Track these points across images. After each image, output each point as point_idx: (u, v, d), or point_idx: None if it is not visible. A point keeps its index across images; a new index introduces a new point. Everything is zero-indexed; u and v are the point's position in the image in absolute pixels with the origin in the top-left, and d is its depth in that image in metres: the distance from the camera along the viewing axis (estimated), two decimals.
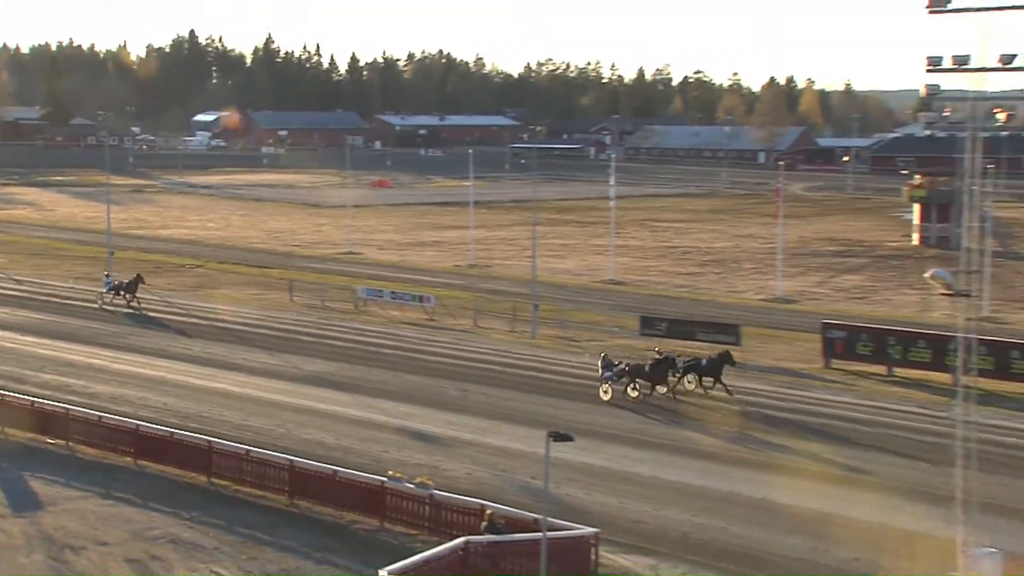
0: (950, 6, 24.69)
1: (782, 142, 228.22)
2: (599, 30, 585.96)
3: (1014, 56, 24.67)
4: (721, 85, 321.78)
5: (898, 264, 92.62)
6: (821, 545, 32.00)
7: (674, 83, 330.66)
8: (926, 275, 28.11)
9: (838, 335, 55.83)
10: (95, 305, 68.10)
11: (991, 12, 24.32)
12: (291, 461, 35.47)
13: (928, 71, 25.74)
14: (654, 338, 60.33)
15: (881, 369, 53.41)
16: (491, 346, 60.17)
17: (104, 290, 68.83)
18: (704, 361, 48.70)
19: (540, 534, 25.39)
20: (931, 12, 24.90)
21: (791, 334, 62.49)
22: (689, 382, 49.09)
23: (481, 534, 28.94)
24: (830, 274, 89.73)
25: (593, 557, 29.62)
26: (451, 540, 28.67)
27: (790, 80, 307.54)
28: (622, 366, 48.25)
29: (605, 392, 47.63)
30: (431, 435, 42.77)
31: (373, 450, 40.45)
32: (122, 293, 68.33)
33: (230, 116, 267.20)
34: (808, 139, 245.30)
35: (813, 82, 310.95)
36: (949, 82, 25.94)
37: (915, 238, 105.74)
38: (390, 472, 34.17)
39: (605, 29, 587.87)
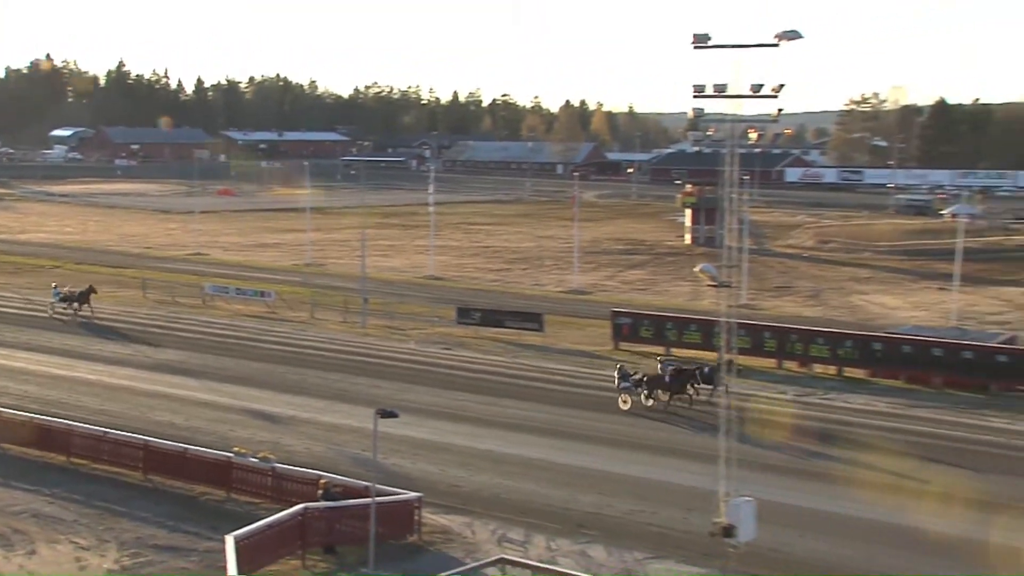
0: (711, 43, 25.50)
1: (577, 156, 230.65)
2: (417, 58, 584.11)
3: (762, 86, 25.52)
4: (525, 106, 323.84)
5: (673, 260, 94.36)
6: (606, 500, 32.80)
7: (484, 104, 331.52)
8: (695, 269, 28.85)
9: (625, 321, 56.99)
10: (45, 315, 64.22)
11: (744, 48, 25.16)
12: (145, 441, 34.92)
13: (694, 97, 26.45)
14: (470, 326, 60.91)
15: (661, 349, 54.54)
16: (326, 335, 59.87)
17: (53, 300, 64.48)
18: (707, 369, 43.97)
19: (370, 499, 25.50)
20: (695, 48, 25.66)
21: (586, 321, 63.37)
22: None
23: (318, 501, 28.96)
24: (618, 269, 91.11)
25: (416, 518, 29.81)
26: (291, 507, 28.61)
27: (583, 103, 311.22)
28: (639, 376, 44.33)
29: (624, 402, 43.55)
30: (273, 415, 42.47)
31: (220, 429, 39.99)
32: (73, 304, 63.81)
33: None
34: (599, 153, 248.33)
35: (602, 105, 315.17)
36: (712, 106, 26.67)
37: (687, 238, 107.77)
38: (236, 448, 33.91)
39: (422, 58, 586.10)
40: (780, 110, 26.44)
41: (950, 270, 67.66)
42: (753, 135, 27.07)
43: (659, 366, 45.36)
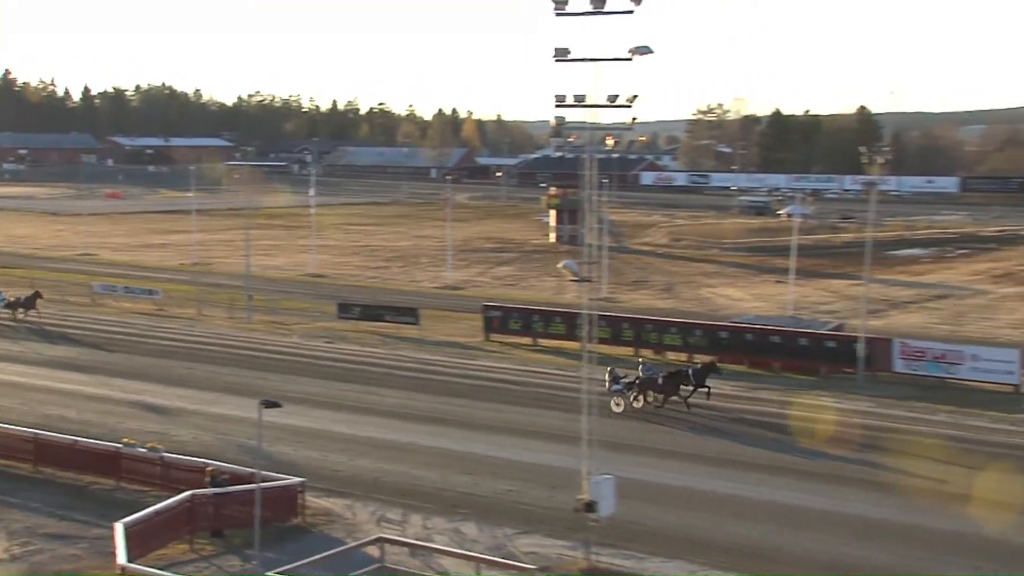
0: (570, 57, 25.66)
1: (449, 161, 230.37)
2: (298, 69, 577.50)
3: (617, 96, 25.79)
4: (400, 115, 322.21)
5: (540, 257, 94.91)
6: (478, 481, 32.81)
7: (362, 112, 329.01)
8: (559, 266, 28.95)
9: (495, 314, 57.18)
10: None
11: (600, 62, 25.38)
12: (35, 434, 33.94)
13: (556, 106, 26.63)
14: (350, 321, 60.51)
15: (528, 340, 54.94)
16: (213, 331, 58.95)
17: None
18: (690, 371, 42.60)
19: (255, 485, 25.15)
20: (556, 61, 25.81)
21: (459, 314, 63.36)
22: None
23: (206, 488, 28.46)
24: (488, 266, 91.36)
25: (300, 502, 29.49)
26: (179, 494, 28.06)
27: (455, 111, 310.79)
28: (630, 379, 41.91)
29: (617, 404, 40.71)
30: (162, 407, 41.63)
31: (110, 421, 39.04)
32: (19, 309, 60.83)
33: None
34: (470, 159, 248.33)
35: (472, 113, 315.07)
36: (573, 115, 26.83)
37: (552, 237, 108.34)
38: (125, 439, 33.17)
39: (303, 68, 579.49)
40: (634, 119, 26.70)
41: (786, 264, 69.18)
42: (610, 142, 27.34)
43: (640, 368, 42.61)
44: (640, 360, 44.47)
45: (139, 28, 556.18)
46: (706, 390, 41.60)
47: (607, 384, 41.01)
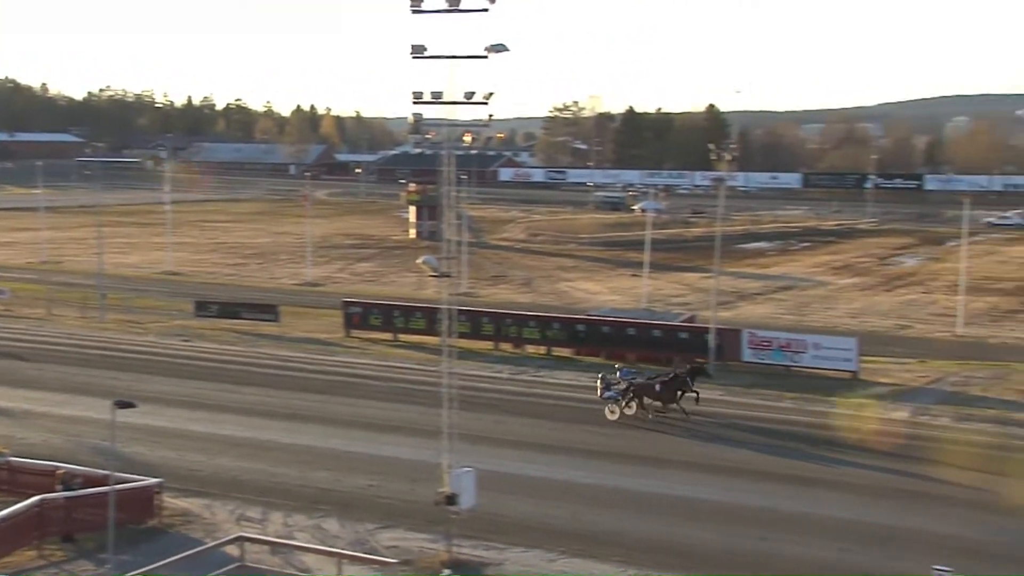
0: (427, 54, 25.52)
1: (308, 157, 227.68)
2: (151, 63, 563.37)
3: (473, 93, 25.73)
4: (257, 111, 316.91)
5: (400, 253, 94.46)
6: (340, 477, 32.47)
7: (218, 108, 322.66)
8: (419, 261, 28.86)
9: (356, 310, 56.68)
10: None
11: (457, 59, 25.31)
12: None
13: (414, 103, 26.44)
14: (207, 318, 59.30)
15: (389, 336, 54.60)
16: (64, 330, 57.17)
17: None
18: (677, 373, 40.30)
19: (109, 488, 24.41)
20: (413, 58, 25.65)
21: (319, 311, 62.64)
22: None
23: (56, 492, 27.50)
24: (349, 262, 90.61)
25: (157, 503, 28.75)
26: (28, 499, 27.03)
27: (313, 108, 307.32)
28: (623, 385, 39.73)
29: (611, 412, 39.12)
30: (8, 410, 40.01)
31: None
32: None
33: None
34: (329, 155, 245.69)
35: (331, 109, 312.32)
36: (431, 112, 26.70)
37: (412, 233, 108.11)
38: None
39: (158, 59, 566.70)
40: (491, 116, 26.68)
41: (640, 258, 70.19)
42: (468, 138, 27.27)
43: (617, 374, 40.50)
44: (617, 366, 42.38)
45: None
46: (694, 395, 39.81)
47: (598, 391, 39.79)
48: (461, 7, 25.15)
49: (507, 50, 25.45)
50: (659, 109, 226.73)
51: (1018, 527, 28.58)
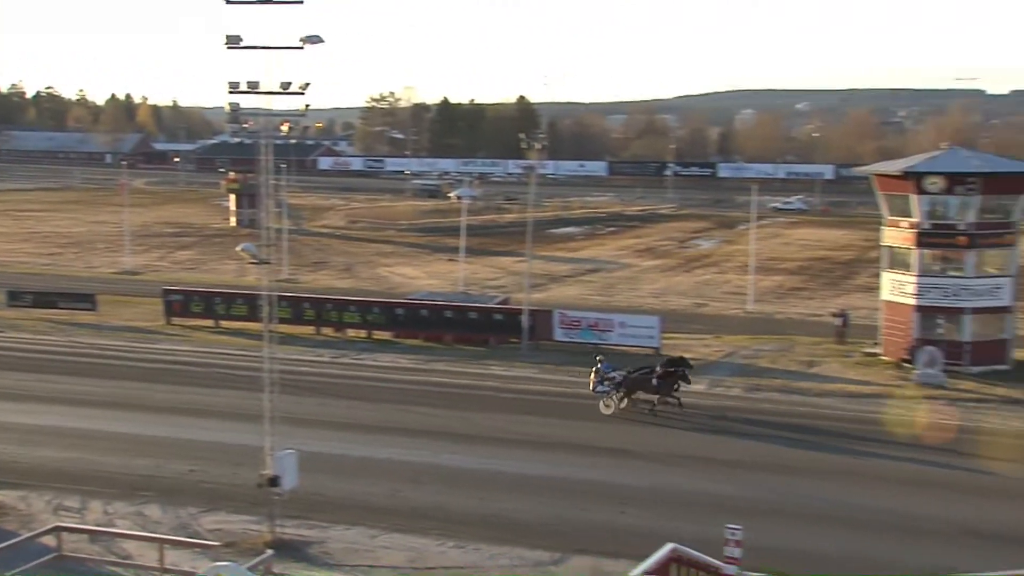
0: (242, 44, 24.95)
1: (124, 146, 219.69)
2: None
3: (290, 83, 25.32)
4: (70, 99, 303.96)
5: (220, 241, 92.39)
6: (161, 463, 31.51)
7: (28, 96, 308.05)
8: (238, 249, 28.23)
9: (176, 297, 55.13)
10: None
11: (272, 50, 24.82)
12: None
13: (230, 93, 25.87)
14: (22, 308, 56.76)
15: (210, 323, 53.35)
16: None
17: None
18: (659, 368, 37.99)
19: None
20: (228, 48, 25.03)
21: (139, 299, 60.65)
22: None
23: None
24: (168, 250, 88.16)
25: None
26: None
27: (128, 96, 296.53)
28: (617, 378, 37.61)
29: (607, 407, 37.16)
30: None
31: None
32: None
33: None
34: (146, 144, 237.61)
35: (147, 98, 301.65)
36: (248, 102, 26.14)
37: (232, 221, 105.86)
38: None
39: None
40: (308, 106, 26.30)
41: (456, 243, 70.42)
42: (286, 128, 26.82)
43: (599, 366, 38.34)
44: (599, 358, 39.83)
45: None
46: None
47: (591, 384, 38.10)
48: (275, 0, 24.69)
49: (322, 41, 25.09)
50: (472, 100, 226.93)
51: (802, 488, 29.85)
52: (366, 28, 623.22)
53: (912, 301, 44.36)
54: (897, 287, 45.37)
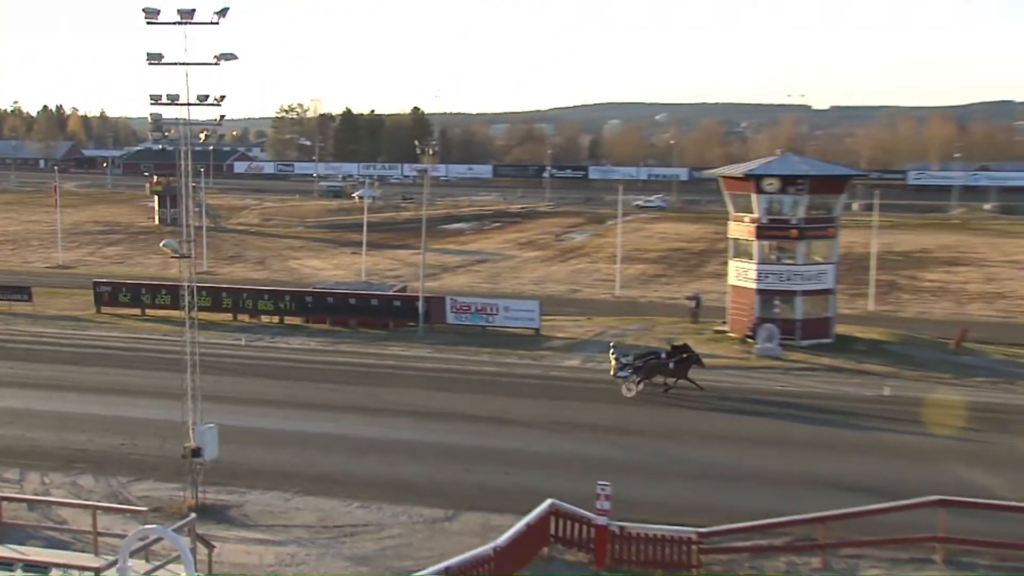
0: (164, 60, 24.35)
1: (56, 152, 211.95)
2: None
3: (207, 96, 24.81)
4: (5, 109, 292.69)
5: (145, 238, 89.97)
6: (97, 437, 30.64)
7: None
8: (162, 244, 27.67)
9: (105, 289, 53.63)
10: None
11: (190, 66, 24.29)
12: None
13: (152, 104, 25.27)
14: None
15: (137, 311, 51.99)
16: None
17: None
18: (663, 355, 36.82)
19: None
20: (150, 64, 24.42)
21: (71, 291, 58.86)
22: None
23: None
24: (98, 247, 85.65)
25: None
26: None
27: (60, 107, 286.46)
28: (634, 360, 36.14)
29: (628, 390, 35.64)
30: None
31: None
32: None
33: None
34: (76, 151, 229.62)
35: (77, 109, 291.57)
36: (169, 112, 25.56)
37: (156, 219, 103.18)
38: None
39: None
40: (223, 116, 25.84)
41: (359, 238, 69.81)
42: (203, 136, 26.36)
43: (612, 352, 37.24)
44: (612, 344, 39.17)
45: None
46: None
47: (612, 370, 36.57)
48: (193, 20, 24.12)
49: (236, 58, 24.68)
50: (372, 111, 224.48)
51: (664, 448, 30.37)
52: (277, 45, 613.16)
53: (753, 285, 45.38)
54: (741, 273, 46.37)
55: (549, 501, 22.35)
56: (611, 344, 39.59)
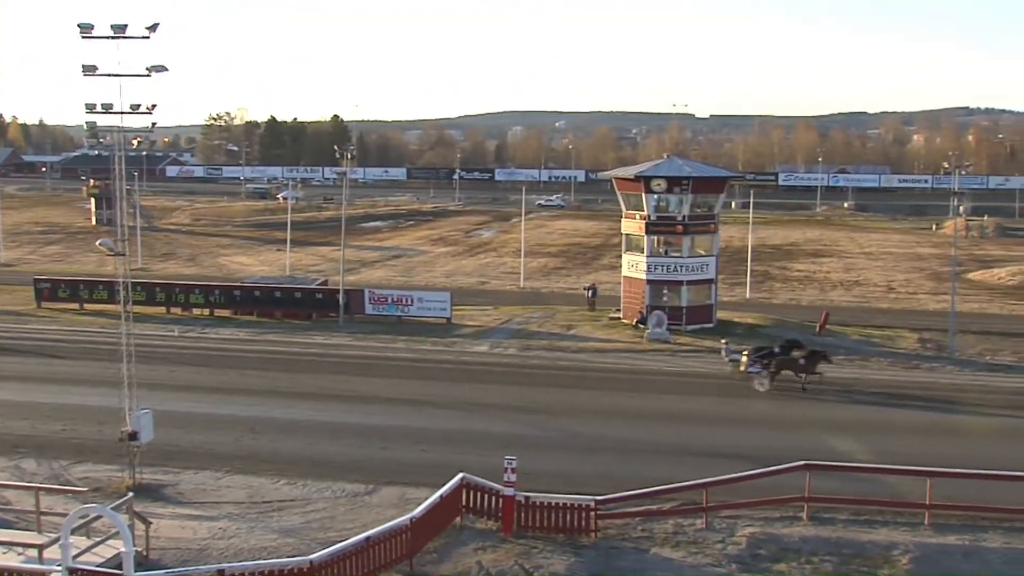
0: (98, 72, 23.65)
1: None
2: None
3: (139, 105, 24.18)
4: None
5: (83, 238, 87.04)
6: (39, 423, 29.65)
7: None
8: (98, 244, 26.95)
9: (46, 285, 51.92)
10: None
11: (123, 77, 23.64)
12: None
13: (87, 113, 24.53)
14: None
15: (76, 306, 50.41)
16: None
17: None
18: (776, 348, 35.93)
19: None
20: (85, 75, 23.69)
21: (12, 288, 56.68)
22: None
23: None
24: (38, 246, 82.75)
25: None
26: None
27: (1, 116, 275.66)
28: (763, 357, 34.95)
29: (761, 384, 34.34)
30: None
31: None
32: None
33: None
34: (16, 156, 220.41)
35: (16, 117, 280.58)
36: (104, 120, 24.81)
37: (93, 220, 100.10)
38: None
39: None
40: (155, 124, 25.24)
41: (283, 237, 68.79)
42: (136, 142, 25.77)
43: (724, 352, 37.14)
44: (724, 341, 38.48)
45: None
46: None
47: (741, 366, 35.33)
48: (126, 35, 23.49)
49: (167, 70, 24.11)
50: (295, 118, 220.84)
51: (564, 424, 30.69)
52: (206, 57, 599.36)
53: (644, 276, 46.04)
54: (633, 266, 47.01)
55: (461, 475, 22.41)
56: (722, 340, 38.63)
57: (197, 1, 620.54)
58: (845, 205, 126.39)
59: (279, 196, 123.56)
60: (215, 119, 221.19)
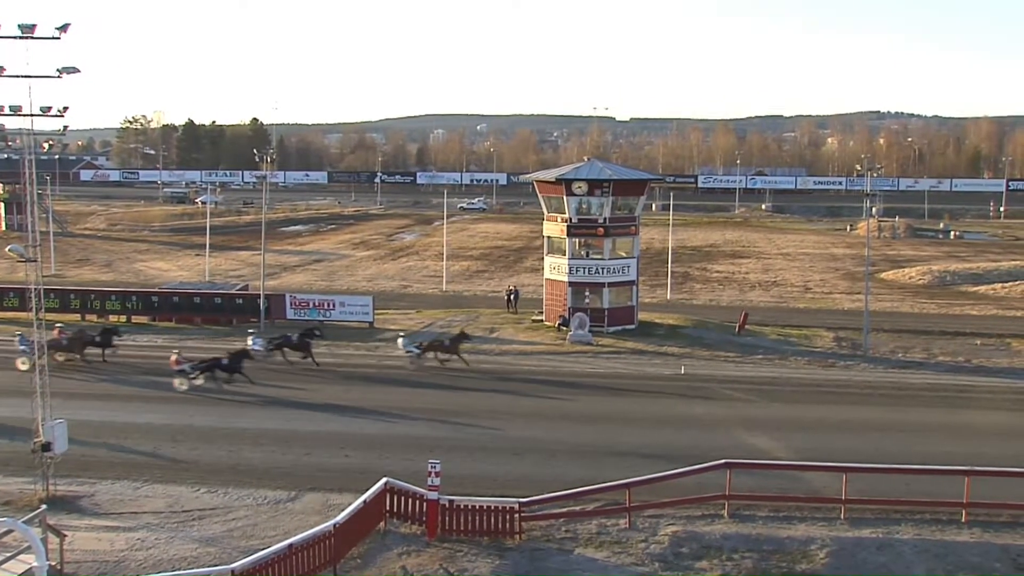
0: (5, 73, 22.94)
1: None
2: None
3: (50, 107, 23.54)
4: None
5: None
6: None
7: None
8: (8, 249, 26.17)
9: None
10: None
11: (32, 79, 22.97)
12: None
13: None
14: None
15: None
16: None
17: None
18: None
19: None
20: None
21: None
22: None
23: None
24: None
25: None
26: None
27: None
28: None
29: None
30: None
31: None
32: None
33: None
34: None
35: None
36: (13, 123, 24.16)
37: (3, 226, 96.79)
38: None
39: None
40: (66, 127, 24.56)
41: (202, 241, 67.54)
42: (47, 146, 25.00)
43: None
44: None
45: None
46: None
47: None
48: (35, 35, 22.83)
49: (78, 71, 23.49)
50: (214, 121, 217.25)
51: (487, 426, 30.76)
52: (121, 58, 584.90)
53: (566, 278, 46.39)
54: (555, 268, 47.34)
55: (384, 479, 22.34)
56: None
57: (111, 1, 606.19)
58: (763, 207, 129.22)
59: (198, 200, 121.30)
60: (131, 122, 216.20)
